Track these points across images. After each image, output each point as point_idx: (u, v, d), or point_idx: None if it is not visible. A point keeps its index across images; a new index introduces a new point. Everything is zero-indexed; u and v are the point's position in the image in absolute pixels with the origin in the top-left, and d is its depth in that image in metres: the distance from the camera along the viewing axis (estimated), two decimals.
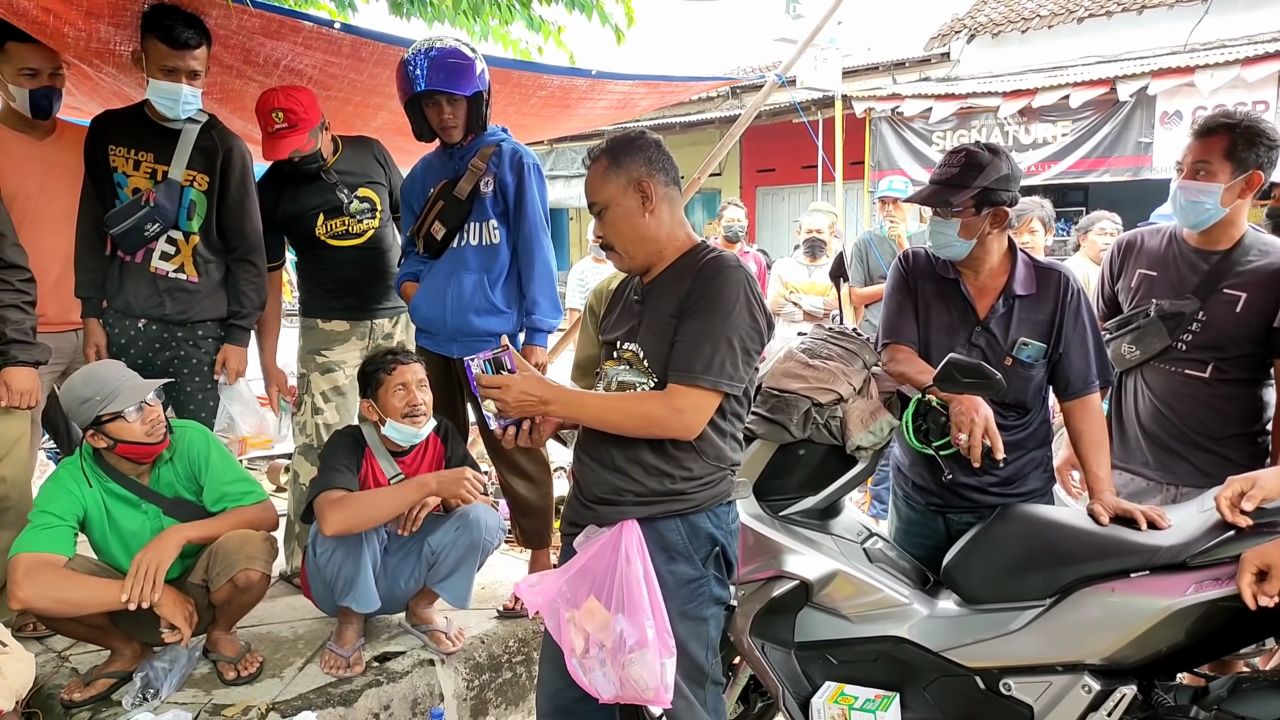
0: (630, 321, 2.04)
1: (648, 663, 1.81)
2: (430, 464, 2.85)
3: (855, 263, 5.17)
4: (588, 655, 1.89)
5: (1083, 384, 2.32)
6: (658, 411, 1.88)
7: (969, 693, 2.11)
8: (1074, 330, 2.30)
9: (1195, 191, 2.36)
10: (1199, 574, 1.87)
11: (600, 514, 1.98)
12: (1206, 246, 2.45)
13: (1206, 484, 2.23)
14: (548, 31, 4.46)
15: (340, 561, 2.65)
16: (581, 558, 1.94)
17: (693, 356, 1.86)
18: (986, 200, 2.25)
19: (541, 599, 1.95)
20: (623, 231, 1.97)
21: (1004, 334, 2.33)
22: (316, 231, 3.24)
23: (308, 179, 3.21)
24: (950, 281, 2.39)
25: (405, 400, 2.68)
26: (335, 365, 3.34)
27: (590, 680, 1.90)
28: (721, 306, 1.87)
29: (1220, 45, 10.04)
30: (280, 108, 3.03)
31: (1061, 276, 2.34)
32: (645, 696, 1.85)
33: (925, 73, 12.66)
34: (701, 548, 1.97)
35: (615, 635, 1.83)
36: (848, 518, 2.41)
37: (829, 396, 2.22)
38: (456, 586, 2.77)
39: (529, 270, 3.01)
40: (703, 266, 1.94)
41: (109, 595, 2.41)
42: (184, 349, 3.02)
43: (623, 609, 1.84)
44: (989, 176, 2.24)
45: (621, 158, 1.96)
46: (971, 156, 2.27)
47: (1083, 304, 2.33)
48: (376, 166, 3.37)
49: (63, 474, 2.58)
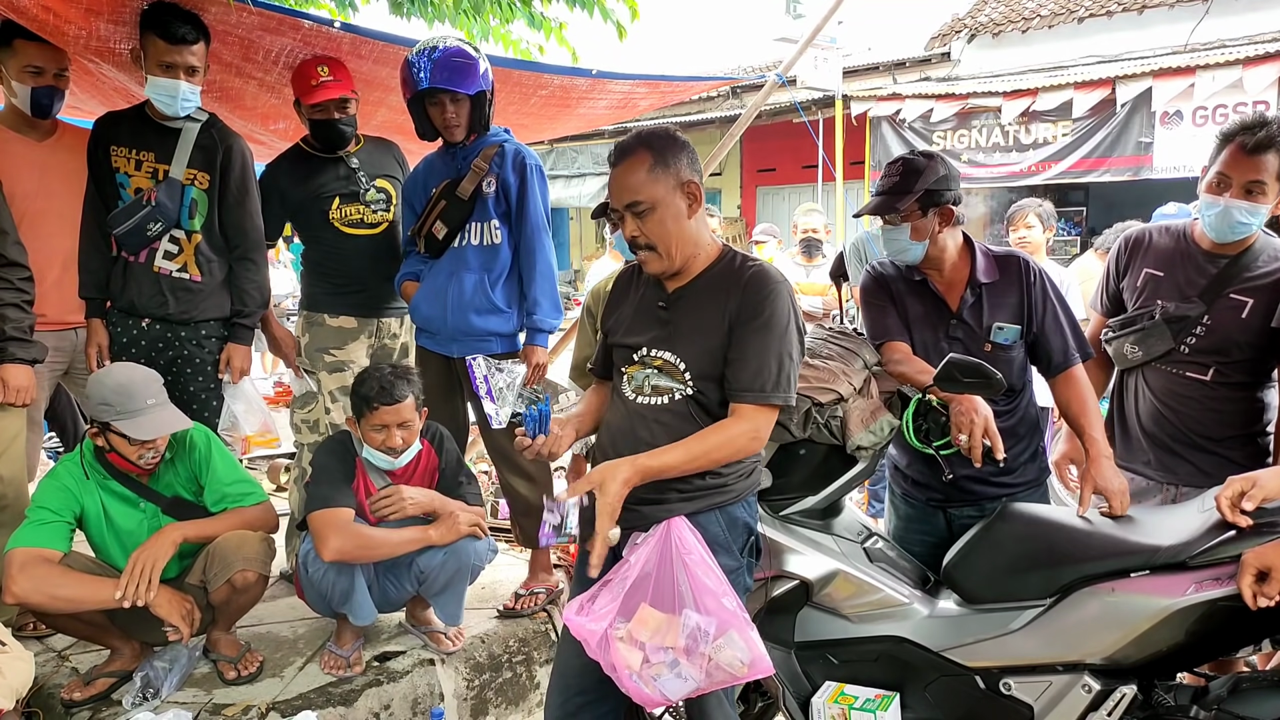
0: (656, 328, 2.01)
1: (737, 641, 1.81)
2: (422, 474, 2.84)
3: (854, 262, 5.18)
4: (648, 665, 1.83)
5: (1064, 358, 2.38)
6: (743, 438, 1.92)
7: (969, 692, 2.11)
8: (1044, 309, 2.38)
9: (1246, 213, 2.30)
10: (1199, 574, 1.87)
11: (644, 514, 1.95)
12: (1217, 250, 2.43)
13: (1207, 484, 2.23)
14: (549, 29, 4.46)
15: (334, 579, 2.65)
16: (631, 570, 1.90)
17: (762, 376, 1.90)
18: (931, 202, 2.34)
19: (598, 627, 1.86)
20: (669, 233, 1.95)
21: (978, 321, 2.40)
22: (330, 215, 3.22)
23: (328, 163, 3.24)
24: (918, 282, 2.47)
25: (382, 441, 2.66)
26: (344, 364, 3.30)
27: (656, 689, 1.83)
28: (777, 323, 1.91)
29: (1221, 45, 10.05)
30: (324, 63, 3.12)
31: (1020, 260, 2.43)
32: (741, 674, 1.83)
33: (926, 73, 12.67)
34: (739, 537, 2.01)
35: (688, 631, 1.81)
36: (848, 517, 2.41)
37: (829, 396, 2.22)
38: (447, 604, 2.80)
39: (530, 271, 3.01)
40: (750, 280, 1.94)
41: (104, 593, 2.40)
42: (187, 348, 3.02)
43: (692, 603, 1.83)
44: (928, 179, 2.34)
45: (669, 157, 1.93)
46: (909, 164, 2.38)
47: (1046, 283, 2.40)
48: (395, 165, 3.41)
49: (61, 471, 2.58)
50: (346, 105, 3.16)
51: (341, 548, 2.56)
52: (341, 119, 3.15)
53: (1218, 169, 2.33)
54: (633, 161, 1.94)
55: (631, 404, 2.02)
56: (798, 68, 8.34)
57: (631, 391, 2.02)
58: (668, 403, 1.97)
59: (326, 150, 3.24)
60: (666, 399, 1.97)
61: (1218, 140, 2.37)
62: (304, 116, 3.20)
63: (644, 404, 1.99)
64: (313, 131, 3.20)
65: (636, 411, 2.00)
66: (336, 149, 3.24)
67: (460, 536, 2.67)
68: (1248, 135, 2.26)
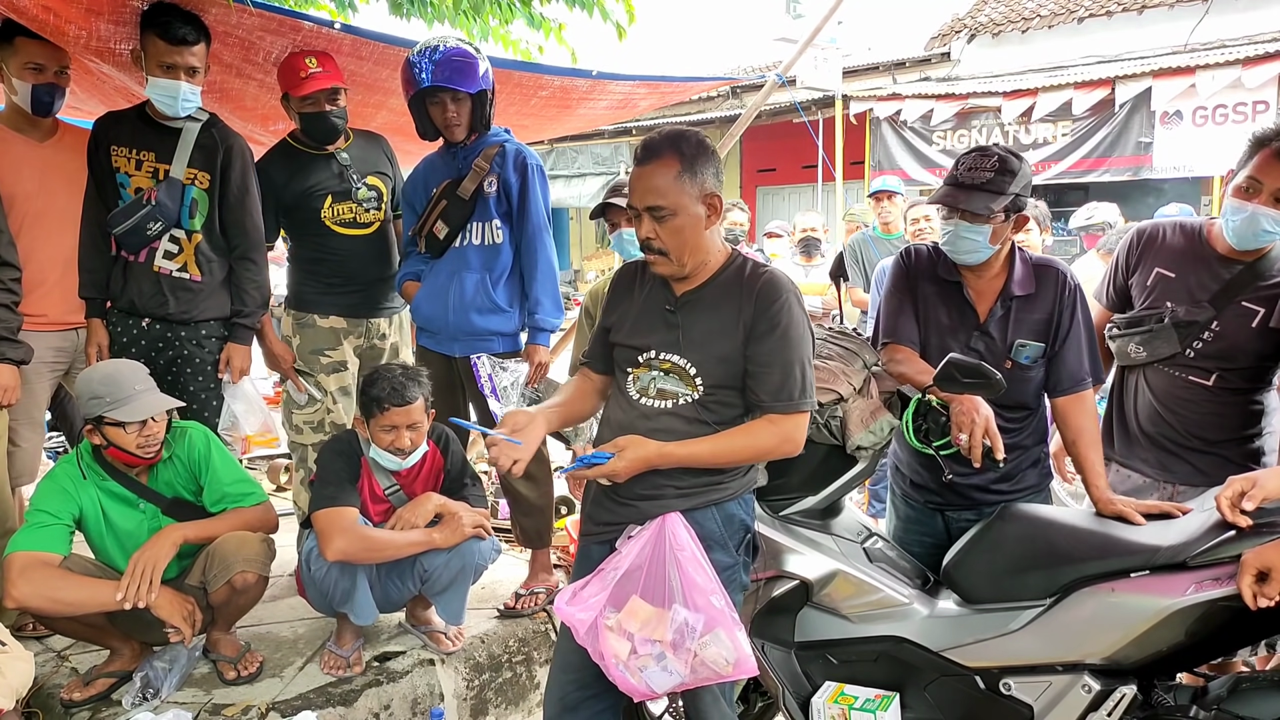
0: (664, 331, 2.01)
1: (723, 639, 1.83)
2: (427, 475, 2.84)
3: (850, 263, 5.19)
4: (635, 655, 1.86)
5: (1075, 381, 2.32)
6: (772, 441, 1.95)
7: (969, 692, 2.11)
8: (1070, 328, 2.30)
9: (1274, 221, 2.23)
10: (1199, 574, 1.87)
11: (641, 510, 1.97)
12: (1233, 255, 2.37)
13: (1205, 483, 2.23)
14: (548, 29, 4.46)
15: (336, 578, 2.65)
16: (623, 561, 1.92)
17: (789, 386, 1.92)
18: (1015, 206, 2.24)
19: (588, 616, 1.89)
20: (686, 240, 1.94)
21: (1002, 337, 2.32)
22: (322, 214, 3.19)
23: (318, 160, 3.20)
24: (953, 284, 2.37)
25: (390, 442, 2.66)
26: (341, 364, 3.30)
27: (641, 680, 1.86)
28: (795, 331, 1.93)
29: (1220, 45, 10.05)
30: (312, 54, 3.06)
31: (1059, 274, 2.33)
32: (725, 672, 1.85)
33: (925, 73, 12.67)
34: (735, 534, 2.02)
35: (676, 626, 1.82)
36: (848, 517, 2.41)
37: (829, 396, 2.22)
38: (450, 603, 2.80)
39: (532, 270, 3.01)
40: (762, 289, 1.94)
41: (105, 595, 2.40)
42: (187, 348, 3.02)
43: (682, 599, 1.84)
44: (1020, 183, 2.23)
45: (698, 166, 1.91)
46: (1005, 162, 2.22)
47: (1079, 301, 2.32)
48: (385, 160, 3.37)
49: (59, 472, 2.58)
50: (337, 96, 3.10)
51: (345, 549, 2.56)
52: (333, 110, 3.10)
53: (1249, 173, 2.24)
54: (661, 164, 1.91)
55: (636, 404, 2.02)
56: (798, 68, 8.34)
57: (636, 393, 2.02)
58: (672, 406, 1.97)
59: (318, 145, 3.20)
60: (672, 403, 1.97)
61: (1250, 143, 2.28)
62: (293, 111, 3.13)
63: (648, 406, 2.00)
64: (303, 125, 3.15)
65: (641, 413, 2.00)
66: (328, 143, 3.19)
67: (464, 539, 2.67)
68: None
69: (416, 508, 2.69)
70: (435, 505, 2.71)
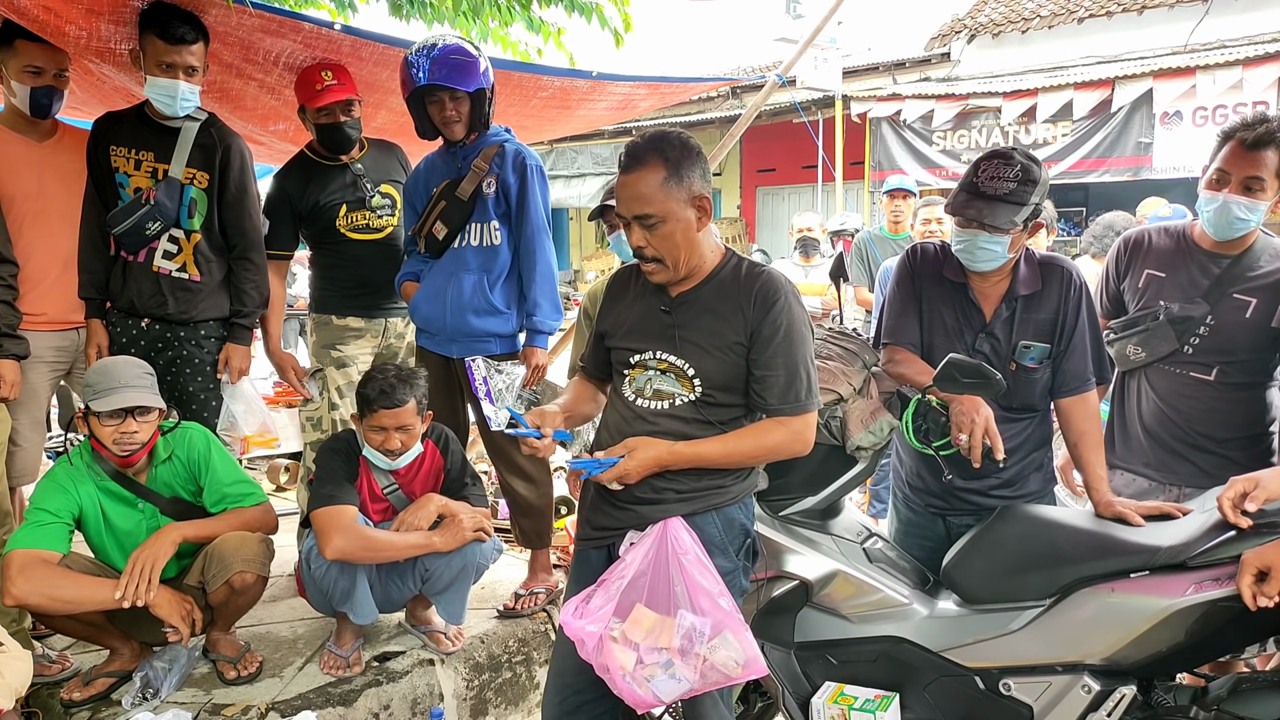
0: (659, 332, 2.00)
1: (732, 641, 1.82)
2: (426, 475, 2.84)
3: (855, 262, 5.19)
4: (641, 665, 1.83)
5: (1080, 382, 2.30)
6: (784, 440, 1.96)
7: (969, 693, 2.11)
8: (1076, 327, 2.28)
9: (1245, 209, 2.29)
10: (1199, 574, 1.87)
11: (641, 514, 1.96)
12: (1218, 250, 2.43)
13: (1209, 484, 2.22)
14: (547, 33, 4.46)
15: (335, 577, 2.65)
16: (628, 570, 1.90)
17: (795, 388, 1.93)
18: (1033, 214, 2.22)
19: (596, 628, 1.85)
20: (678, 246, 1.92)
21: (1007, 339, 2.31)
22: (338, 223, 3.28)
23: (333, 170, 3.28)
24: (958, 285, 2.36)
25: (380, 443, 2.67)
26: (349, 360, 3.36)
27: (649, 690, 1.82)
28: (797, 333, 1.93)
29: (1221, 46, 10.05)
30: (328, 68, 3.17)
31: (1064, 271, 2.31)
32: (735, 674, 1.83)
33: (925, 73, 12.67)
34: (736, 539, 2.01)
35: (683, 632, 1.81)
36: (848, 518, 2.41)
37: (829, 397, 2.22)
38: (451, 603, 2.80)
39: (530, 272, 3.01)
40: (760, 291, 1.93)
41: (103, 594, 2.41)
42: (186, 348, 3.02)
43: (687, 604, 1.83)
44: (1041, 192, 2.21)
45: (683, 170, 1.88)
46: (1028, 171, 2.18)
47: (1085, 299, 2.30)
48: (399, 168, 3.45)
49: (58, 471, 2.59)
50: (351, 108, 3.19)
51: (344, 548, 2.56)
52: (347, 121, 3.19)
53: (1217, 165, 2.33)
54: (646, 171, 1.88)
55: (632, 405, 2.01)
56: (798, 68, 8.34)
57: (632, 394, 2.02)
58: (669, 407, 1.97)
59: (333, 155, 3.27)
60: (668, 403, 1.97)
61: (1218, 138, 2.37)
62: (309, 123, 3.23)
63: (644, 407, 1.99)
64: (319, 136, 3.23)
65: (638, 414, 2.00)
66: (343, 153, 3.27)
67: (465, 543, 2.67)
68: (1247, 131, 2.27)
69: (419, 510, 2.69)
70: (437, 507, 2.71)
